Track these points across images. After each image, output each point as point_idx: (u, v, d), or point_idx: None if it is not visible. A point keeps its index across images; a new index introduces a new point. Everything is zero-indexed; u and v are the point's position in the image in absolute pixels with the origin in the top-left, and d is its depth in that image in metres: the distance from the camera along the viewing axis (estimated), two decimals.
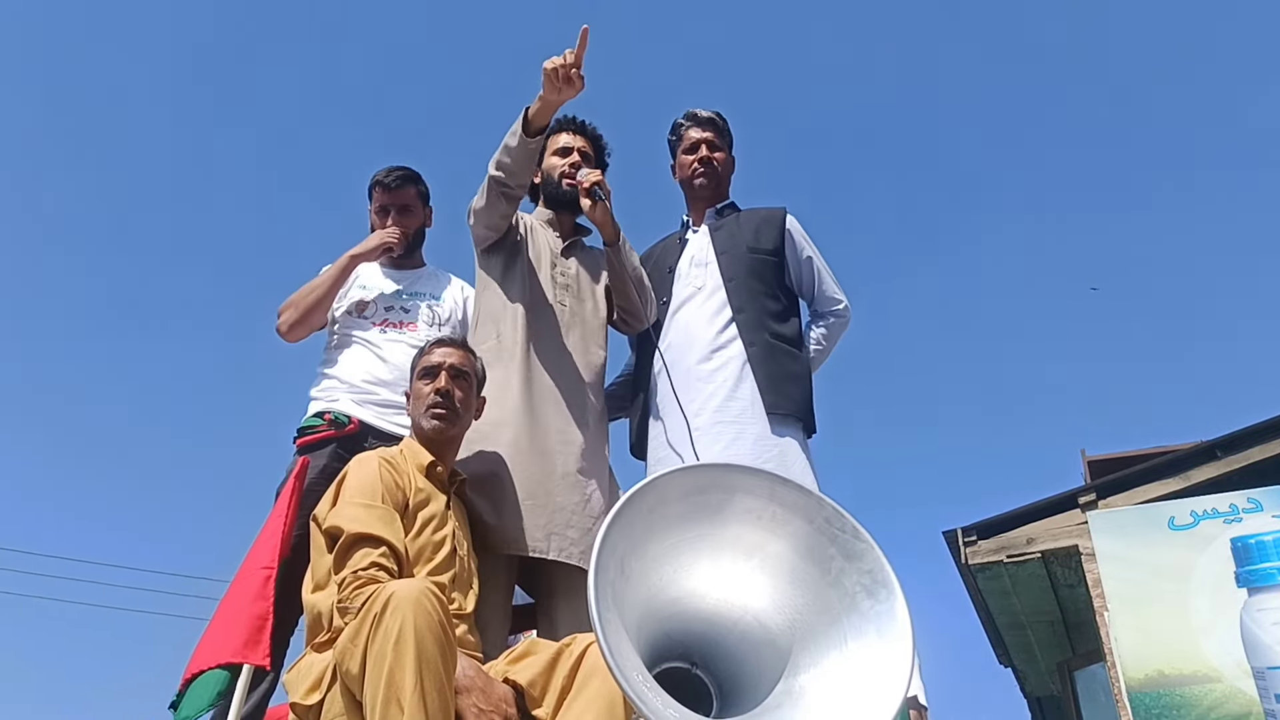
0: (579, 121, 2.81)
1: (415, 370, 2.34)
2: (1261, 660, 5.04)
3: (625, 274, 2.64)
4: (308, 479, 2.50)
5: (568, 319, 2.62)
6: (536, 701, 1.78)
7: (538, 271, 2.66)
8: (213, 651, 2.05)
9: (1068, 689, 6.85)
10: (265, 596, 2.12)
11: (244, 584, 2.18)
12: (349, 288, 3.08)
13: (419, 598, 1.62)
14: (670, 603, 1.71)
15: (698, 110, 3.04)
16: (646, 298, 2.71)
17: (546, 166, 2.77)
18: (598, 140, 2.82)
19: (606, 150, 2.84)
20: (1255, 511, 5.35)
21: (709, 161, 2.99)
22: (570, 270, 2.72)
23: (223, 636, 2.08)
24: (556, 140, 2.77)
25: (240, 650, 2.04)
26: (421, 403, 2.25)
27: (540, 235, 2.74)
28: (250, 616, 2.09)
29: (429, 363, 2.30)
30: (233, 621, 2.10)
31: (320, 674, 1.77)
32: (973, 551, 6.07)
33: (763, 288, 2.84)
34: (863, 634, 1.67)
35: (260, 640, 2.06)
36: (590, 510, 2.39)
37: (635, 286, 2.66)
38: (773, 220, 2.96)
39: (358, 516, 1.94)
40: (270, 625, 2.11)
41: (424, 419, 2.24)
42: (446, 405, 2.24)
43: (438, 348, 2.34)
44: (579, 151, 2.74)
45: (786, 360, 2.77)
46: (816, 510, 1.76)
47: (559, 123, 2.79)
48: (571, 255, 2.76)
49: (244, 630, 2.07)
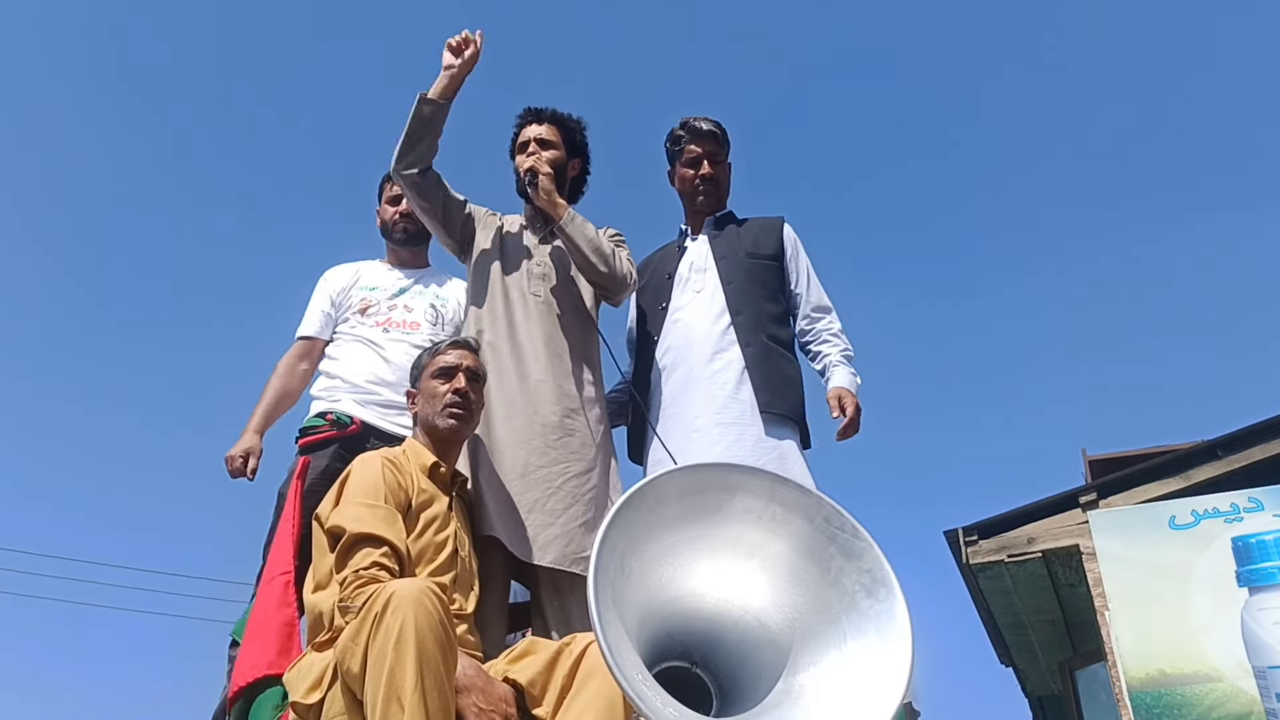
0: (536, 109, 2.80)
1: (426, 369, 2.33)
2: (1262, 659, 5.04)
3: (579, 247, 2.59)
4: (309, 479, 2.51)
5: (547, 310, 2.61)
6: (536, 700, 1.79)
7: (512, 267, 2.66)
8: (250, 665, 2.05)
9: (1069, 688, 6.85)
10: (288, 603, 2.12)
11: (267, 592, 2.19)
12: (351, 287, 3.09)
13: (420, 597, 1.62)
14: (670, 602, 1.71)
15: (698, 123, 3.02)
16: (611, 264, 2.63)
17: (516, 164, 2.76)
18: (563, 121, 2.79)
19: (577, 127, 2.81)
20: (1256, 511, 5.35)
21: (711, 179, 3.00)
22: (546, 261, 2.70)
23: (258, 649, 2.07)
24: (523, 135, 2.77)
25: (276, 660, 2.04)
26: (438, 401, 2.25)
27: (518, 233, 2.75)
28: (278, 625, 2.09)
29: (445, 363, 2.30)
30: (263, 633, 2.10)
31: (321, 673, 1.77)
32: (974, 551, 6.07)
33: (761, 291, 2.85)
34: (862, 633, 1.68)
35: (291, 648, 2.06)
36: (575, 508, 2.36)
37: (595, 256, 2.60)
38: (771, 228, 2.99)
39: (360, 516, 1.95)
40: (299, 630, 2.12)
41: (440, 418, 2.24)
42: (464, 406, 2.25)
43: (453, 349, 2.34)
44: (535, 140, 2.73)
45: (782, 363, 2.78)
46: (816, 510, 1.76)
47: (520, 117, 2.81)
48: (549, 245, 2.74)
49: (275, 640, 2.07)
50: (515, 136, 2.80)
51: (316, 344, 3.03)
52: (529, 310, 2.59)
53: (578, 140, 2.81)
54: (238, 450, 2.82)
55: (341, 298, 3.07)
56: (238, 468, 2.80)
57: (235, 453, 2.82)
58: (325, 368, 2.97)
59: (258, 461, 2.82)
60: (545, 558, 2.27)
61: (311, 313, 3.08)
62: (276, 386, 2.95)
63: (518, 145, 2.77)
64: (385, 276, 3.12)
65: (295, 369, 2.99)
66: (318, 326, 3.04)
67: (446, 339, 2.42)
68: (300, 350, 3.02)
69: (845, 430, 2.70)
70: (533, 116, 2.78)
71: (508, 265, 2.66)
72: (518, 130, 2.80)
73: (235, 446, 2.83)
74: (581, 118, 2.83)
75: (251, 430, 2.87)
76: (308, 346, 3.03)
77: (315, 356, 3.01)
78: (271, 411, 2.93)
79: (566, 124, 2.79)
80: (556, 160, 2.71)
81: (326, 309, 3.06)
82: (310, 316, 3.08)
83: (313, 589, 1.99)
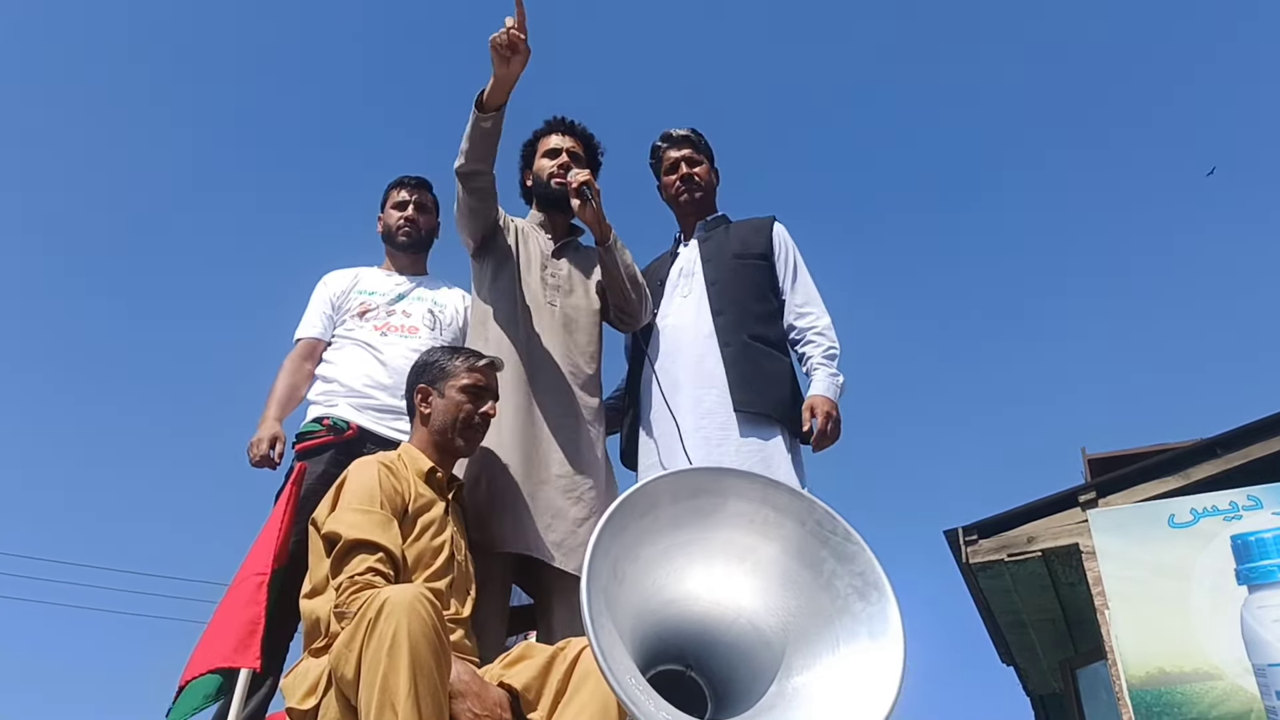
0: (568, 122, 2.81)
1: (454, 377, 2.29)
2: (1262, 657, 5.04)
3: (618, 272, 2.63)
4: (305, 484, 2.51)
5: (559, 319, 2.62)
6: (531, 705, 1.79)
7: (528, 274, 2.66)
8: (205, 658, 2.07)
9: (1070, 687, 6.85)
10: (257, 601, 2.13)
11: (238, 591, 2.20)
12: (350, 291, 3.10)
13: (413, 603, 1.63)
14: (664, 606, 1.71)
15: (672, 130, 3.07)
16: (642, 295, 2.71)
17: (537, 168, 2.78)
18: (589, 140, 2.82)
19: (599, 150, 2.84)
20: (1255, 509, 5.35)
21: (689, 178, 3.02)
22: (562, 271, 2.72)
23: (215, 643, 2.09)
24: (546, 142, 2.79)
25: (230, 655, 2.05)
26: (465, 418, 2.26)
27: (531, 238, 2.74)
28: (242, 621, 2.11)
29: (479, 383, 2.30)
30: (225, 627, 2.12)
31: (316, 679, 1.78)
32: (973, 551, 6.07)
33: (748, 291, 2.84)
34: (855, 636, 1.68)
35: (251, 644, 2.07)
36: (581, 511, 2.38)
37: (630, 284, 2.65)
38: (761, 228, 2.99)
39: (356, 522, 1.95)
40: (262, 629, 2.12)
41: (461, 435, 2.25)
42: (486, 428, 2.30)
43: (487, 370, 2.33)
44: (568, 152, 2.74)
45: (764, 360, 2.76)
46: (808, 513, 1.76)
47: (548, 124, 2.81)
48: (564, 256, 2.76)
49: (235, 635, 2.08)
50: (536, 140, 2.81)
51: (319, 345, 3.03)
52: (543, 319, 2.60)
53: (596, 160, 2.83)
54: (264, 434, 2.81)
55: (340, 301, 3.08)
56: (263, 453, 2.78)
57: (261, 437, 2.80)
58: (322, 371, 2.97)
59: (284, 447, 2.81)
60: (570, 564, 2.29)
61: (312, 314, 3.09)
62: (285, 384, 2.95)
63: (546, 150, 2.77)
64: (384, 281, 3.13)
65: (301, 368, 2.99)
66: (320, 327, 3.05)
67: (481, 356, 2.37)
68: (304, 350, 3.03)
69: (819, 440, 2.68)
70: (564, 128, 2.80)
71: (523, 273, 2.66)
72: (543, 135, 2.80)
73: (259, 432, 2.82)
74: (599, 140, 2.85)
75: (271, 418, 2.86)
76: (310, 347, 3.03)
77: (318, 357, 3.01)
78: (285, 403, 2.92)
79: (592, 143, 2.82)
80: None
81: (327, 311, 3.07)
82: (311, 318, 3.08)
83: (309, 594, 2.00)
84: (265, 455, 2.78)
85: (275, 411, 2.89)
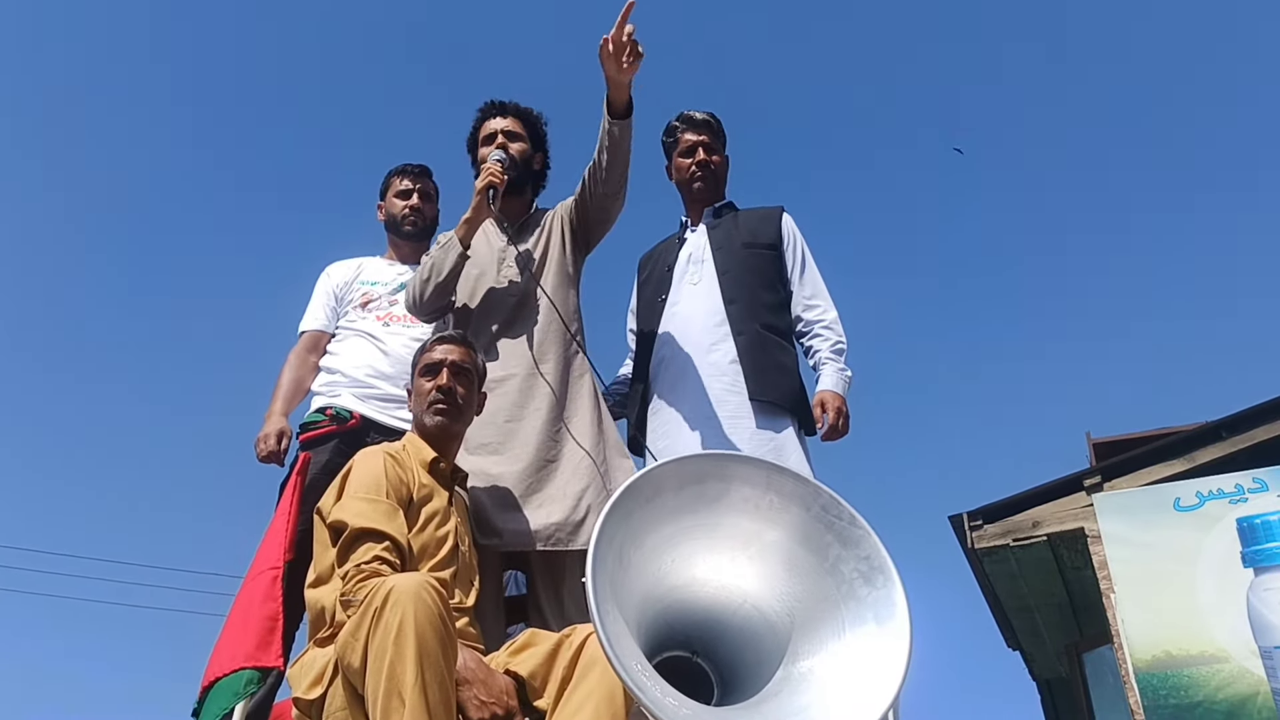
0: (500, 103, 2.79)
1: (417, 366, 2.34)
2: (1269, 639, 5.05)
3: (626, 147, 2.54)
4: (310, 474, 2.51)
5: (525, 301, 2.60)
6: (537, 692, 1.79)
7: (489, 264, 2.65)
8: (227, 657, 2.06)
9: (1076, 671, 6.86)
10: (274, 597, 2.13)
11: (253, 586, 2.19)
12: (352, 281, 3.10)
13: (419, 591, 1.63)
14: (669, 592, 1.72)
15: (692, 113, 3.04)
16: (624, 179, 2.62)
17: (479, 157, 2.74)
18: (526, 115, 2.79)
19: (541, 122, 2.81)
20: (1261, 491, 5.35)
21: (706, 164, 3.00)
22: (522, 248, 2.67)
23: (236, 641, 2.08)
24: (485, 128, 2.77)
25: (253, 654, 2.05)
26: (423, 399, 2.26)
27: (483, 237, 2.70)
28: (260, 618, 2.10)
29: (430, 360, 2.30)
30: (244, 625, 2.11)
31: (322, 669, 1.78)
32: (979, 536, 6.08)
33: (758, 280, 2.84)
34: (861, 620, 1.68)
35: (272, 642, 2.06)
36: (571, 490, 2.37)
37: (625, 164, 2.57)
38: (770, 217, 2.98)
39: (362, 511, 1.95)
40: (281, 625, 2.12)
41: (426, 415, 2.24)
42: (448, 401, 2.24)
43: (439, 344, 2.33)
44: (503, 133, 2.72)
45: (776, 351, 2.76)
46: (813, 498, 1.76)
47: (483, 110, 2.80)
48: (523, 233, 2.73)
49: (255, 633, 2.07)
50: (476, 129, 2.79)
51: (323, 336, 3.03)
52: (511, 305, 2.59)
53: (540, 133, 2.80)
54: (270, 430, 2.82)
55: (343, 292, 3.08)
56: (271, 448, 2.79)
57: (268, 432, 2.81)
58: (325, 363, 2.98)
59: (289, 442, 2.82)
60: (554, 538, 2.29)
61: (315, 306, 3.09)
62: (291, 377, 2.96)
63: (482, 138, 2.76)
64: (386, 271, 3.12)
65: (306, 361, 2.99)
66: (324, 319, 3.05)
67: (435, 335, 2.40)
68: (308, 343, 3.03)
69: (829, 434, 2.70)
70: (496, 110, 2.78)
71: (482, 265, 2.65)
72: (479, 123, 2.79)
73: (265, 428, 2.83)
74: (541, 112, 2.82)
75: (277, 413, 2.87)
76: (315, 339, 3.03)
77: (323, 349, 3.01)
78: (290, 398, 2.93)
79: (529, 117, 2.79)
80: (523, 152, 2.72)
81: (330, 303, 3.07)
82: (315, 310, 3.08)
83: (314, 584, 2.00)
84: (273, 451, 2.79)
85: (281, 406, 2.89)
